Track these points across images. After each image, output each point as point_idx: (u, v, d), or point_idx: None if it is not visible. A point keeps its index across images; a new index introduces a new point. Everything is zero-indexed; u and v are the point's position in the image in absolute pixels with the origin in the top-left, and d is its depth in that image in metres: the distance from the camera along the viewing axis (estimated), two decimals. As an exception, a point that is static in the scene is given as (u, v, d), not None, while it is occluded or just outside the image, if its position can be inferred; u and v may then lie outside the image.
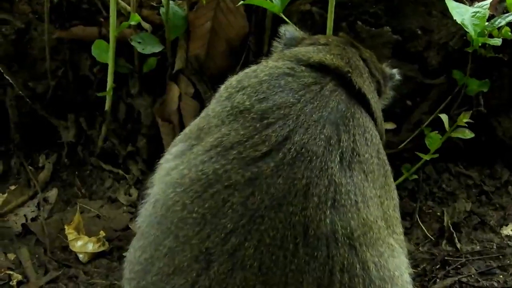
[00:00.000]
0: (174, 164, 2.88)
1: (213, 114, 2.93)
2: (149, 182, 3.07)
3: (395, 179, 4.11)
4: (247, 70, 3.08)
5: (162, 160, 3.03)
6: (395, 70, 3.46)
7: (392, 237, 2.90)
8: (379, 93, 3.31)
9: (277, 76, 2.93)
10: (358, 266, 2.66)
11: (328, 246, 2.61)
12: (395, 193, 3.04)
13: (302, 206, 2.63)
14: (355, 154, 2.79)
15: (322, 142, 2.74)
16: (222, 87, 3.07)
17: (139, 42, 4.15)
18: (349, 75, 3.02)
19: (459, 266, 4.08)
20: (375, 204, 2.81)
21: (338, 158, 2.73)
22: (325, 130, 2.77)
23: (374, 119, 3.06)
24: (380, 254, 2.75)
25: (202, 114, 3.05)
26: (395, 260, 2.84)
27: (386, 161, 3.01)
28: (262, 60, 3.19)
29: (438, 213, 4.35)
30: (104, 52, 4.21)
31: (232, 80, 3.05)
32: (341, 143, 2.77)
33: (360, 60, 3.22)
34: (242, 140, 2.74)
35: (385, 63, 3.49)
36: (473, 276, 4.03)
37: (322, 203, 2.64)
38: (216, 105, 2.97)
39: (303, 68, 3.00)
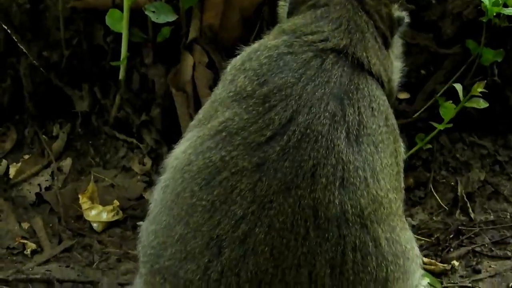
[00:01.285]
0: (184, 147, 2.83)
1: (220, 99, 2.86)
2: (162, 167, 3.03)
3: (409, 149, 4.13)
4: (250, 49, 2.98)
5: (176, 146, 2.99)
6: (404, 13, 3.23)
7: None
8: (386, 45, 3.12)
9: (276, 57, 2.82)
10: (370, 244, 2.63)
11: (339, 227, 2.58)
12: (402, 158, 2.94)
13: (311, 188, 2.59)
14: (362, 127, 2.71)
15: (327, 120, 2.67)
16: (228, 67, 2.98)
17: (153, 11, 4.04)
18: (346, 50, 2.88)
19: (473, 236, 4.03)
20: (386, 176, 2.74)
21: (345, 134, 2.67)
22: (329, 107, 2.69)
23: (380, 82, 2.94)
24: (392, 229, 2.72)
25: (212, 97, 2.97)
26: (406, 233, 2.81)
27: (395, 126, 2.93)
28: (264, 36, 3.08)
29: (452, 183, 4.28)
30: (118, 22, 4.11)
31: (237, 60, 2.96)
32: (347, 118, 2.69)
33: (363, 16, 3.03)
34: (246, 125, 2.68)
35: (396, 4, 3.28)
36: (486, 245, 3.99)
37: (331, 184, 2.59)
38: (222, 89, 2.90)
39: (302, 42, 2.87)
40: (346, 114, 2.70)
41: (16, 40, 4.36)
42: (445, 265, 3.81)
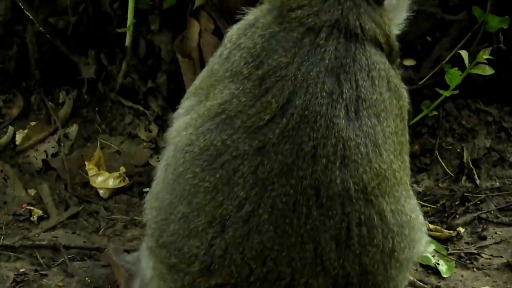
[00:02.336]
0: (184, 124, 2.77)
1: (217, 75, 2.77)
2: (164, 139, 2.98)
3: (415, 116, 4.09)
4: (246, 22, 2.84)
5: (175, 114, 2.93)
6: None
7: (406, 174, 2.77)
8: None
9: (269, 37, 2.69)
10: (375, 217, 2.59)
11: (342, 204, 2.55)
12: (406, 111, 2.84)
13: (312, 169, 2.54)
14: (360, 101, 2.62)
15: (325, 100, 2.58)
16: (227, 37, 2.86)
17: (159, -22, 3.97)
18: (339, 23, 2.70)
19: (479, 202, 4.00)
20: (390, 146, 2.66)
21: (344, 112, 2.58)
22: (325, 86, 2.59)
23: (378, 45, 2.79)
24: (397, 199, 2.67)
25: (209, 67, 2.88)
26: (411, 202, 2.76)
27: (398, 83, 2.82)
28: (258, 7, 2.91)
29: (458, 150, 4.24)
30: (124, -12, 4.03)
31: (234, 33, 2.83)
32: (344, 95, 2.60)
33: None
34: (244, 108, 2.61)
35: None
36: (492, 212, 3.95)
37: (331, 164, 2.54)
38: (219, 65, 2.79)
39: (292, 19, 2.71)
40: (343, 91, 2.61)
41: (22, 7, 4.28)
42: (451, 231, 3.76)
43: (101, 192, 4.03)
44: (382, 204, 2.60)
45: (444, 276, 3.50)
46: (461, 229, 3.77)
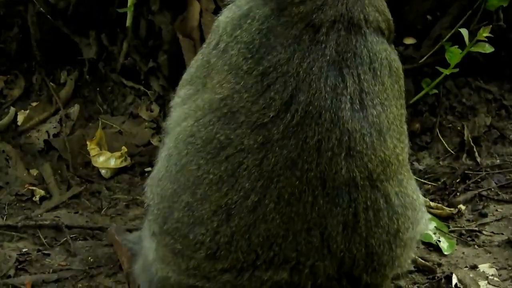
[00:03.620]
0: (183, 114, 2.75)
1: (215, 67, 2.73)
2: (163, 128, 2.96)
3: (415, 94, 4.06)
4: (238, 11, 2.75)
5: (172, 103, 2.91)
6: None
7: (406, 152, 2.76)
8: None
9: (266, 32, 2.63)
10: (381, 200, 2.61)
11: (349, 192, 2.56)
12: (403, 89, 2.82)
13: (316, 162, 2.53)
14: (364, 93, 2.60)
15: (329, 94, 2.56)
16: (218, 30, 2.78)
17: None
18: (343, 18, 2.64)
19: (479, 180, 3.97)
20: (393, 131, 2.66)
21: (349, 105, 2.57)
22: (328, 81, 2.56)
23: (380, 31, 2.75)
24: (400, 182, 2.68)
25: (204, 56, 2.82)
26: (412, 182, 2.77)
27: (397, 66, 2.77)
28: None
29: (458, 128, 4.19)
30: (125, -33, 3.99)
31: (227, 25, 2.75)
32: (349, 89, 2.58)
33: None
34: (247, 105, 2.58)
35: None
36: (493, 189, 3.92)
37: (336, 156, 2.53)
38: (216, 57, 2.73)
39: (291, 13, 2.63)
40: (347, 84, 2.58)
41: (23, -13, 4.23)
42: (452, 209, 3.72)
43: (103, 172, 4.00)
44: (387, 188, 2.62)
45: (446, 253, 3.48)
46: (462, 207, 3.73)
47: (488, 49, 3.82)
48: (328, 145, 2.53)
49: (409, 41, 4.17)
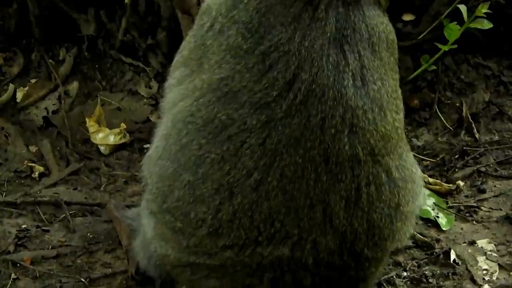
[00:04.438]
0: (180, 95, 2.73)
1: (211, 48, 2.69)
2: (160, 109, 2.96)
3: (414, 71, 4.02)
4: None
5: (166, 85, 2.89)
6: None
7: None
8: None
9: (265, 11, 2.59)
10: (383, 175, 2.61)
11: (352, 168, 2.56)
12: (397, 57, 2.81)
13: (320, 139, 2.52)
14: (365, 70, 2.58)
15: (331, 72, 2.53)
16: (211, 12, 2.74)
17: None
18: None
19: (478, 156, 3.94)
20: (392, 105, 2.65)
21: (351, 81, 2.55)
22: (330, 58, 2.54)
23: (377, 3, 2.72)
24: (400, 155, 2.69)
25: (197, 38, 2.78)
26: (410, 156, 2.77)
27: (393, 38, 2.75)
28: None
29: (457, 104, 4.16)
30: None
31: (222, 6, 2.71)
32: (350, 66, 2.55)
33: None
34: (249, 84, 2.55)
35: None
36: (491, 165, 3.89)
37: (339, 133, 2.52)
38: (212, 39, 2.70)
39: None
40: (348, 61, 2.56)
41: (21, -36, 4.19)
42: (450, 185, 3.70)
43: (101, 148, 3.96)
44: (388, 162, 2.61)
45: (444, 229, 3.46)
46: (461, 183, 3.71)
47: (487, 25, 3.78)
48: (331, 123, 2.51)
49: (407, 17, 4.13)
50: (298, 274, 2.63)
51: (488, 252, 3.34)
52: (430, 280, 3.19)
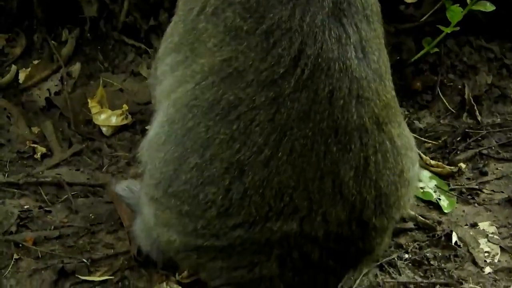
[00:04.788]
0: (177, 81, 2.72)
1: (205, 32, 2.68)
2: (153, 96, 2.97)
3: (416, 53, 4.00)
4: None
5: (158, 73, 2.90)
6: None
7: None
8: None
9: None
10: (387, 143, 2.64)
11: (360, 137, 2.59)
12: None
13: (329, 112, 2.55)
14: (364, 41, 2.62)
15: (335, 46, 2.56)
16: None
17: None
18: None
19: (480, 138, 3.91)
20: (388, 73, 2.74)
21: (354, 53, 2.59)
22: (332, 33, 2.57)
23: None
24: (399, 123, 2.75)
25: (186, 23, 2.78)
26: (405, 124, 2.84)
27: (377, 1, 2.80)
28: None
29: (459, 86, 4.12)
30: None
31: None
32: (351, 38, 2.59)
33: None
34: (254, 63, 2.55)
35: None
36: (493, 148, 3.87)
37: (347, 104, 2.56)
38: (205, 22, 2.70)
39: None
40: (349, 34, 2.59)
41: None
42: (452, 167, 3.67)
43: (104, 129, 3.94)
44: (391, 130, 2.66)
45: (446, 211, 3.45)
46: (463, 165, 3.69)
47: (489, 7, 3.78)
48: (339, 94, 2.53)
49: (410, -1, 4.09)
50: (306, 248, 2.64)
51: (490, 235, 3.32)
52: (432, 262, 3.18)
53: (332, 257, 2.69)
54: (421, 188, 3.52)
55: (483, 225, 3.37)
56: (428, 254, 3.21)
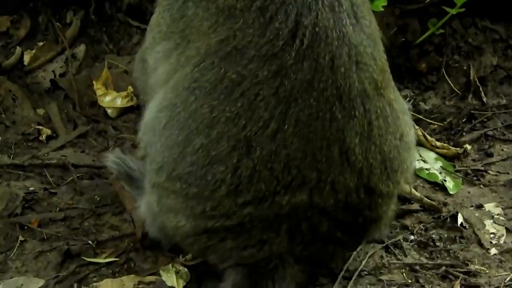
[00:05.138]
0: (171, 68, 2.74)
1: (196, 17, 2.71)
2: (142, 89, 2.99)
3: (422, 34, 3.97)
4: None
5: (151, 61, 2.90)
6: None
7: None
8: None
9: None
10: (387, 107, 2.69)
11: (363, 103, 2.62)
12: None
13: (331, 79, 2.58)
14: (355, 7, 2.66)
15: (329, 14, 2.59)
16: None
17: None
18: None
19: (485, 120, 3.88)
20: (379, 38, 2.78)
21: (348, 19, 2.62)
22: (325, 1, 2.59)
23: None
24: (393, 88, 2.81)
25: (173, 10, 2.81)
26: (396, 89, 2.86)
27: None
28: None
29: (465, 68, 4.08)
30: None
31: None
32: (343, 5, 2.62)
33: None
34: (254, 39, 2.57)
35: None
36: (498, 129, 3.84)
37: (348, 70, 2.60)
38: (194, 7, 2.72)
39: None
40: (341, 2, 2.62)
41: None
42: (458, 149, 3.64)
43: (109, 111, 3.91)
44: (389, 94, 2.73)
45: (451, 192, 3.42)
46: (468, 146, 3.65)
47: (495, -12, 3.75)
48: (340, 61, 2.56)
49: (415, -19, 4.05)
50: (315, 220, 2.65)
51: (496, 216, 3.30)
52: (437, 244, 3.15)
53: (340, 228, 2.70)
54: (427, 169, 3.50)
55: (489, 206, 3.35)
56: (433, 236, 3.18)
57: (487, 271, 3.03)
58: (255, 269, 2.71)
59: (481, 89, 3.99)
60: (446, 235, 3.19)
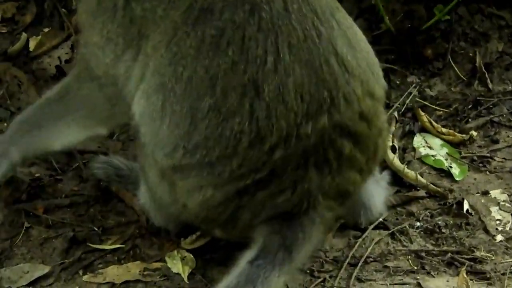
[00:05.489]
0: (143, 63, 2.75)
1: (146, 11, 2.73)
2: (130, 90, 2.84)
3: (428, 21, 3.91)
4: None
5: (121, 71, 2.84)
6: None
7: None
8: None
9: None
10: (347, 18, 2.78)
11: (332, 14, 2.67)
12: None
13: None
14: None
15: None
16: None
17: None
18: None
19: (491, 106, 3.83)
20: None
21: None
22: None
23: None
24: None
25: (121, 19, 2.79)
26: None
27: None
28: None
29: (471, 54, 4.03)
30: None
31: None
32: None
33: None
34: (219, 14, 2.60)
35: None
36: (504, 115, 3.79)
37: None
38: (139, 7, 2.74)
39: None
40: None
41: None
42: (464, 135, 3.60)
43: (115, 99, 3.86)
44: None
45: (457, 179, 3.40)
46: (474, 133, 3.62)
47: (501, -25, 3.70)
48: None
49: (421, -32, 4.00)
50: (338, 144, 2.63)
51: (501, 202, 3.28)
52: (443, 230, 3.14)
53: (358, 147, 2.67)
54: (433, 156, 3.47)
55: (495, 193, 3.33)
56: (439, 222, 3.17)
57: (493, 258, 3.02)
58: (286, 218, 2.66)
59: (487, 75, 3.94)
60: (452, 222, 3.17)
